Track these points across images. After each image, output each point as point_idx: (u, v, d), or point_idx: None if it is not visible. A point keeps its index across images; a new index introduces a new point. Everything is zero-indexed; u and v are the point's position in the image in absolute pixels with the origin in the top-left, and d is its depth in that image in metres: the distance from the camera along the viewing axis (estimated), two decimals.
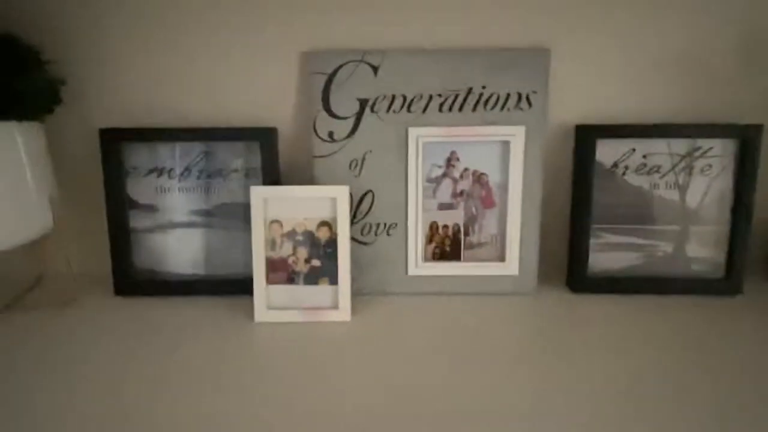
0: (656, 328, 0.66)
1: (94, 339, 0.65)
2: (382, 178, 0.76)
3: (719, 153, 0.76)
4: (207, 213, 0.80)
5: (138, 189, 0.79)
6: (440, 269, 0.78)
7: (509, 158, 0.75)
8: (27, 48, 0.67)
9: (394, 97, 0.74)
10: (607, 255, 0.79)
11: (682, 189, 0.77)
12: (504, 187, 0.76)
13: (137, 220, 0.79)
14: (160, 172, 0.78)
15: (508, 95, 0.74)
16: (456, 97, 0.74)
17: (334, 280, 0.71)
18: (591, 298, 0.77)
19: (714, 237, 0.78)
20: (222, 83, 0.79)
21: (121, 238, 0.78)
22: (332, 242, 0.71)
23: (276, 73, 0.78)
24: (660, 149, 0.76)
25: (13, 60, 0.65)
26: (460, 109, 0.74)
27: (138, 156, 0.78)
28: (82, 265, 0.84)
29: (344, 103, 0.75)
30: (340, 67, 0.74)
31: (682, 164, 0.77)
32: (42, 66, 0.69)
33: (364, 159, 0.76)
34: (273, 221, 0.71)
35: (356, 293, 0.77)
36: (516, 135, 0.74)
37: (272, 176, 0.77)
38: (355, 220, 0.77)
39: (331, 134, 0.75)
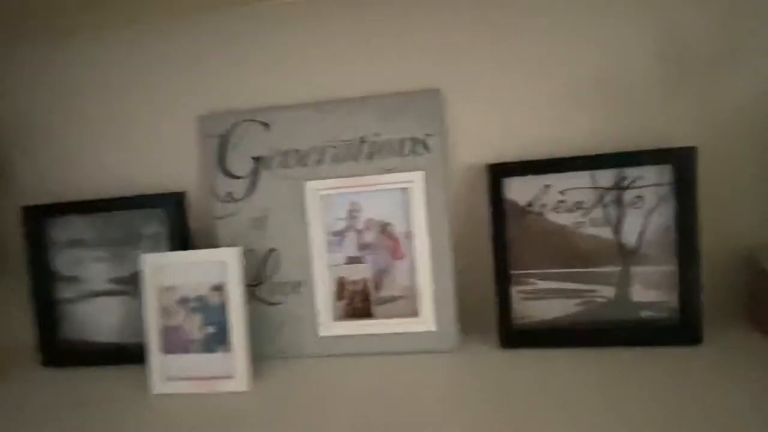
0: (603, 388, 0.56)
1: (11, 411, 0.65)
2: (285, 235, 0.74)
3: (651, 181, 0.67)
4: (124, 281, 0.80)
5: (60, 261, 0.81)
6: (352, 328, 0.73)
7: (410, 206, 0.70)
8: None
9: (287, 153, 0.73)
10: (538, 303, 0.71)
11: (615, 225, 0.69)
12: (411, 236, 0.71)
13: (61, 291, 0.81)
14: (78, 243, 0.80)
15: (402, 141, 0.70)
16: (349, 146, 0.71)
17: (230, 347, 0.68)
18: (522, 354, 0.68)
19: (661, 278, 0.68)
20: (129, 151, 0.81)
21: (46, 310, 0.80)
22: (224, 308, 0.68)
23: (179, 138, 0.79)
24: (579, 183, 0.69)
25: None
26: (356, 159, 0.71)
27: (58, 230, 0.80)
28: (9, 337, 0.87)
29: (240, 162, 0.74)
30: (233, 127, 0.74)
31: (609, 198, 0.68)
32: None
33: (265, 217, 0.74)
34: (166, 288, 0.70)
35: (271, 357, 0.74)
36: (414, 181, 0.70)
37: (181, 241, 0.76)
38: (263, 281, 0.74)
39: (230, 194, 0.75)
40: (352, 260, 0.73)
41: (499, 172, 0.70)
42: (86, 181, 0.83)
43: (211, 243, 0.77)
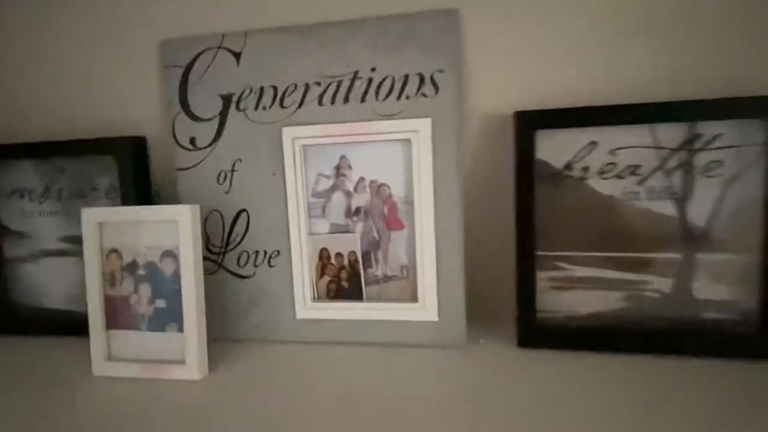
0: (648, 409, 0.42)
1: None
2: (257, 193, 0.60)
3: (733, 141, 0.50)
4: (78, 240, 0.68)
5: (6, 213, 0.69)
6: (335, 311, 0.59)
7: (413, 163, 0.55)
8: None
9: (262, 90, 0.58)
10: (570, 294, 0.56)
11: (680, 199, 0.52)
12: (413, 201, 0.56)
13: (9, 249, 0.70)
14: (25, 193, 0.68)
15: (407, 78, 0.54)
16: (339, 85, 0.56)
17: (183, 327, 0.56)
18: (545, 356, 0.54)
19: (736, 270, 0.52)
20: (82, 86, 0.68)
21: None
22: (177, 278, 0.55)
23: (138, 69, 0.65)
24: (638, 140, 0.52)
25: None
26: (346, 100, 0.56)
27: (3, 176, 0.68)
28: None
29: (205, 101, 0.60)
30: (198, 56, 0.59)
31: (675, 161, 0.52)
32: None
33: (233, 170, 0.60)
34: (111, 251, 0.58)
35: (236, 340, 0.61)
36: (419, 131, 0.54)
37: (140, 195, 0.64)
38: (229, 247, 0.61)
39: (193, 140, 0.61)
40: (339, 228, 0.59)
41: (530, 123, 0.53)
42: (36, 121, 0.71)
43: (174, 199, 0.64)
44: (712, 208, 0.52)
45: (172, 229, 0.55)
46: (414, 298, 0.57)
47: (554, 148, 0.54)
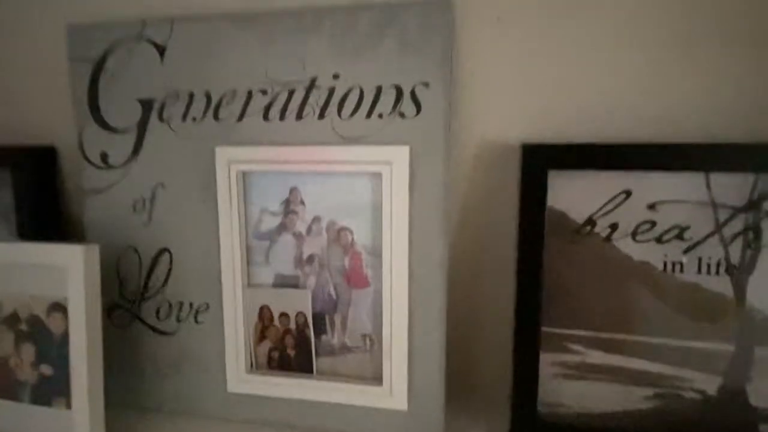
0: None
1: None
2: (182, 228, 0.46)
3: None
4: None
5: None
6: (277, 387, 0.46)
7: (383, 203, 0.41)
8: None
9: (192, 96, 0.44)
10: (583, 386, 0.43)
11: (739, 275, 0.39)
12: (381, 253, 0.42)
13: None
14: None
15: (379, 90, 0.40)
16: (291, 94, 0.42)
17: (71, 403, 0.42)
18: None
19: None
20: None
21: None
22: (65, 338, 0.42)
23: (44, 64, 0.51)
24: (685, 194, 0.38)
25: None
26: (299, 115, 0.42)
27: None
28: None
29: (120, 106, 0.46)
30: (111, 49, 0.45)
31: (738, 225, 0.38)
32: None
33: (154, 197, 0.46)
34: None
35: (151, 410, 0.48)
36: (394, 162, 0.40)
37: (44, 222, 0.50)
38: (147, 294, 0.48)
39: (104, 156, 0.47)
40: (285, 281, 0.46)
41: (542, 160, 0.40)
42: None
43: (82, 230, 0.50)
44: None
45: (62, 276, 0.42)
46: (378, 379, 0.44)
47: (573, 194, 0.40)
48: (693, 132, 0.40)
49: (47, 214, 0.52)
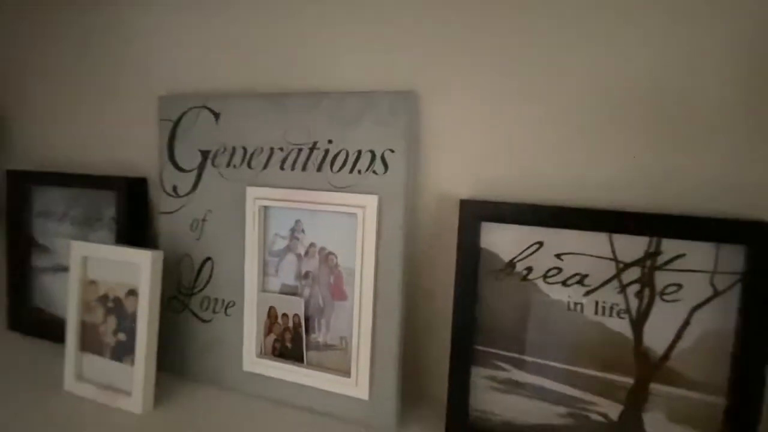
0: None
1: None
2: (221, 244, 0.63)
3: (702, 266, 0.44)
4: None
5: (36, 229, 0.80)
6: (277, 370, 0.60)
7: (357, 236, 0.55)
8: None
9: (234, 150, 0.61)
10: (508, 399, 0.52)
11: (636, 318, 0.46)
12: (355, 274, 0.56)
13: (35, 259, 0.80)
14: (50, 214, 0.78)
15: (359, 153, 0.55)
16: (299, 152, 0.58)
17: (133, 362, 0.60)
18: None
19: (698, 409, 0.45)
20: (102, 129, 0.76)
21: (18, 274, 0.80)
22: (137, 316, 0.60)
23: (144, 121, 0.72)
24: (588, 247, 0.47)
25: None
26: (304, 167, 0.58)
27: (37, 198, 0.79)
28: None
29: (188, 153, 0.65)
30: (185, 113, 0.64)
31: (632, 276, 0.46)
32: None
33: (204, 219, 0.64)
34: (90, 281, 0.64)
35: (190, 379, 0.65)
36: (366, 207, 0.54)
37: (133, 231, 0.70)
38: (195, 290, 0.65)
39: (175, 188, 0.66)
40: (288, 290, 0.60)
41: (475, 212, 0.51)
42: (62, 154, 0.81)
43: (159, 239, 0.69)
44: (674, 335, 0.45)
45: (137, 271, 0.60)
46: (348, 372, 0.56)
47: (499, 240, 0.51)
48: (601, 198, 0.49)
49: (137, 226, 0.71)
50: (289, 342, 0.60)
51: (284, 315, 0.60)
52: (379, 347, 0.55)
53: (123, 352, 0.61)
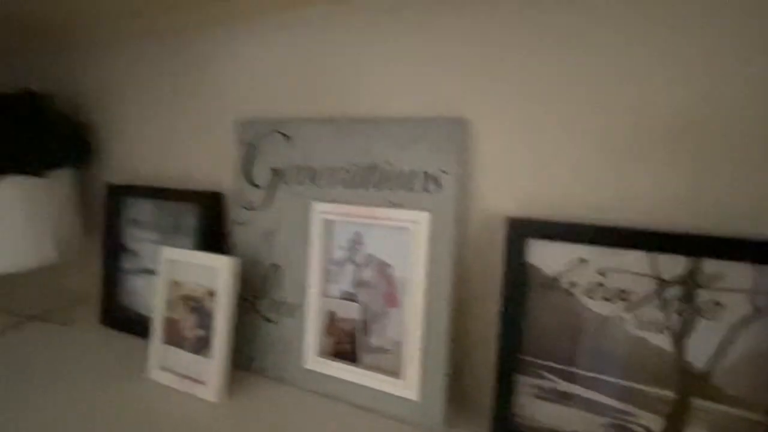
0: None
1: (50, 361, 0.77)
2: (289, 253, 0.70)
3: (741, 285, 0.45)
4: None
5: (127, 235, 0.91)
6: (335, 369, 0.66)
7: (410, 249, 0.60)
8: (57, 108, 0.87)
9: (303, 169, 0.69)
10: (552, 408, 0.55)
11: (677, 334, 0.49)
12: (408, 284, 0.61)
13: (125, 261, 0.91)
14: (139, 222, 0.89)
15: (413, 173, 0.60)
16: (361, 172, 0.64)
17: (211, 356, 0.68)
18: None
19: (738, 426, 0.46)
20: (188, 148, 0.86)
21: (111, 274, 0.91)
22: (214, 315, 0.68)
23: (225, 141, 0.81)
24: (629, 265, 0.50)
25: (40, 117, 0.85)
26: (365, 186, 0.64)
27: (129, 207, 0.90)
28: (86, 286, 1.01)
29: (262, 171, 0.73)
30: (260, 135, 0.73)
31: (672, 294, 0.49)
32: (73, 127, 0.89)
33: (275, 231, 0.72)
34: (175, 282, 0.73)
35: (259, 373, 0.72)
36: (418, 222, 0.59)
37: (211, 239, 0.79)
38: (264, 294, 0.73)
39: (250, 202, 0.74)
40: (346, 296, 0.66)
41: (521, 230, 0.55)
42: (151, 169, 0.92)
43: (234, 247, 0.78)
44: (716, 351, 0.47)
45: (216, 275, 0.68)
46: (399, 374, 0.61)
47: (545, 256, 0.54)
48: (645, 219, 0.51)
49: (214, 235, 0.80)
50: (346, 344, 0.66)
51: (343, 319, 0.66)
52: (428, 352, 0.59)
53: (201, 346, 0.69)
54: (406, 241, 0.61)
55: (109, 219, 0.91)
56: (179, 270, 0.73)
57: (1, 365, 0.75)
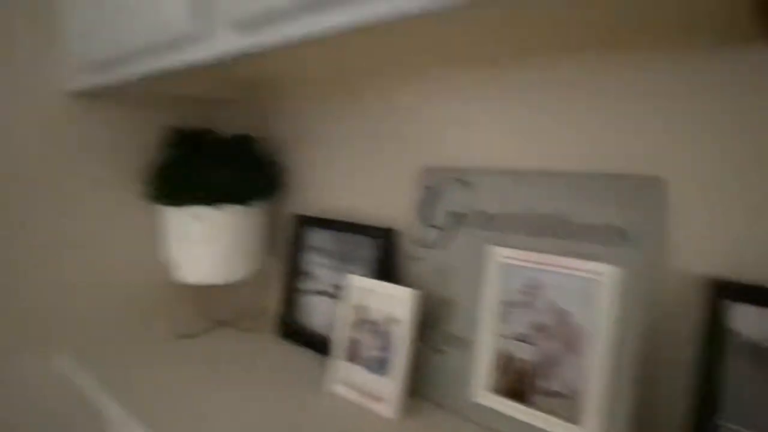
0: None
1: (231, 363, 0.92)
2: (463, 290, 0.76)
3: None
4: (339, 288, 0.98)
5: (306, 259, 1.04)
6: (506, 407, 0.70)
7: (597, 301, 0.63)
8: (259, 149, 1.05)
9: (483, 214, 0.75)
10: None
11: None
12: (590, 334, 0.63)
13: (302, 282, 1.05)
14: (317, 249, 1.02)
15: (601, 227, 0.63)
16: (543, 220, 0.68)
17: (389, 377, 0.76)
18: None
19: None
20: (367, 188, 0.98)
21: (289, 293, 1.05)
22: (394, 340, 0.76)
23: (404, 183, 0.91)
24: None
25: (250, 157, 1.02)
26: (547, 234, 0.68)
27: (309, 235, 1.04)
28: (266, 308, 1.16)
29: (440, 214, 0.80)
30: (440, 181, 0.81)
31: None
32: (272, 165, 1.06)
33: (450, 269, 0.78)
34: (359, 305, 0.83)
35: (430, 400, 0.78)
36: (605, 275, 0.62)
37: (384, 269, 0.89)
38: (437, 327, 0.79)
39: (426, 241, 0.82)
40: (522, 338, 0.70)
41: (724, 292, 0.55)
42: (333, 204, 1.04)
43: (407, 279, 0.86)
44: None
45: (397, 303, 0.77)
46: (577, 421, 0.63)
47: (750, 321, 0.53)
48: None
49: (388, 266, 0.89)
50: (519, 384, 0.70)
51: (516, 359, 0.70)
52: (611, 404, 0.61)
53: (380, 366, 0.77)
54: (589, 292, 0.64)
55: (292, 244, 1.05)
56: (363, 296, 0.82)
57: (195, 361, 0.91)
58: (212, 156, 1.00)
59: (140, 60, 0.77)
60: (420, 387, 0.79)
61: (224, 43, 0.62)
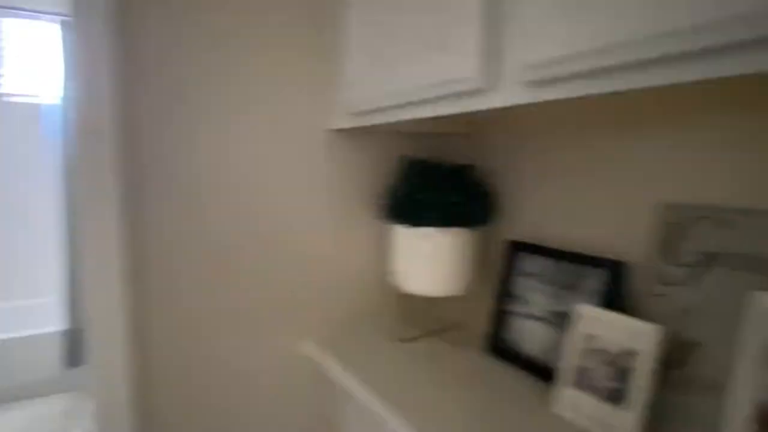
0: None
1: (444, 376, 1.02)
2: (713, 333, 0.75)
3: None
4: (556, 315, 1.02)
5: (519, 284, 1.11)
6: None
7: None
8: (479, 177, 1.15)
9: (743, 257, 0.73)
10: None
11: None
12: None
13: (512, 305, 1.12)
14: (533, 275, 1.08)
15: None
16: None
17: (626, 409, 0.78)
18: None
19: None
20: (593, 221, 1.01)
21: (499, 313, 1.13)
22: (633, 373, 0.78)
23: (637, 218, 0.92)
24: None
25: (471, 184, 1.13)
26: None
27: (523, 261, 1.10)
28: (478, 318, 1.25)
29: (687, 252, 0.80)
30: (688, 218, 0.81)
31: None
32: (490, 192, 1.15)
33: (697, 309, 0.78)
34: (589, 336, 0.86)
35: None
36: None
37: (611, 301, 0.91)
38: (675, 367, 0.79)
39: (672, 278, 0.82)
40: None
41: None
42: (550, 234, 1.09)
43: (642, 314, 0.86)
44: None
45: (636, 337, 0.78)
46: None
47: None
48: None
49: (614, 298, 0.91)
50: None
51: None
52: None
53: (614, 397, 0.80)
54: None
55: (504, 267, 1.13)
56: (595, 326, 0.85)
57: (416, 363, 1.03)
58: (440, 183, 1.13)
59: (412, 109, 0.91)
60: (656, 425, 0.79)
61: (510, 96, 0.71)
